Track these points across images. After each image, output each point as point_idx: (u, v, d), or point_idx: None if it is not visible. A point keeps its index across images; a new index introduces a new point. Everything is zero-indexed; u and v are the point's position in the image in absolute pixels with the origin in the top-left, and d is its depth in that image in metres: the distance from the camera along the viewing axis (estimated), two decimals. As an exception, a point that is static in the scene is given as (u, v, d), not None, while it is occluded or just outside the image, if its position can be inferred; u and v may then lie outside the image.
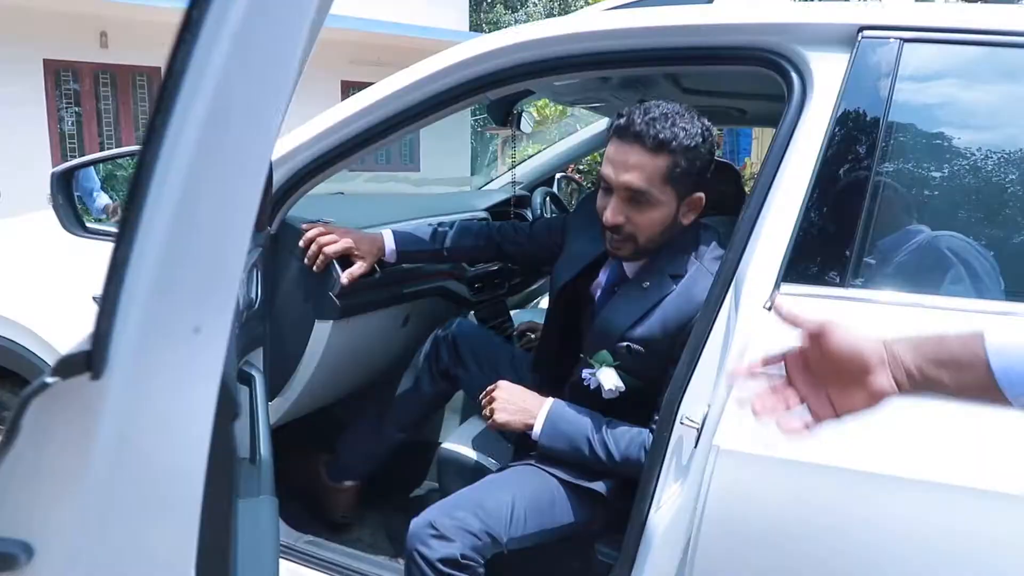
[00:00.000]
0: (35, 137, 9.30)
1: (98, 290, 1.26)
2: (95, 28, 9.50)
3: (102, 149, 9.90)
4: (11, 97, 8.96)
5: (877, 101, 1.11)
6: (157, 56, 9.96)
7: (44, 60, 9.30)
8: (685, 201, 1.32)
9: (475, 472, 1.54)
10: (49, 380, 0.38)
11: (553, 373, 1.54)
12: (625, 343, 1.33)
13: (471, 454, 1.58)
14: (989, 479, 0.92)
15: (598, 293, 1.47)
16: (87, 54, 9.54)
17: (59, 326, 1.53)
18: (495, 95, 1.38)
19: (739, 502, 1.03)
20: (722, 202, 2.19)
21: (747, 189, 5.00)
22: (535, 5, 24.89)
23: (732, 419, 1.02)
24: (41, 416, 0.38)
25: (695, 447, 1.09)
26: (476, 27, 20.66)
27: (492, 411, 1.36)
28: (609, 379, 1.33)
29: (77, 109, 9.67)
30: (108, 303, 0.38)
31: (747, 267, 1.11)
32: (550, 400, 1.37)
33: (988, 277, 1.06)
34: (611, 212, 1.30)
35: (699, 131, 1.28)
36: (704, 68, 1.39)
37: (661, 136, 1.24)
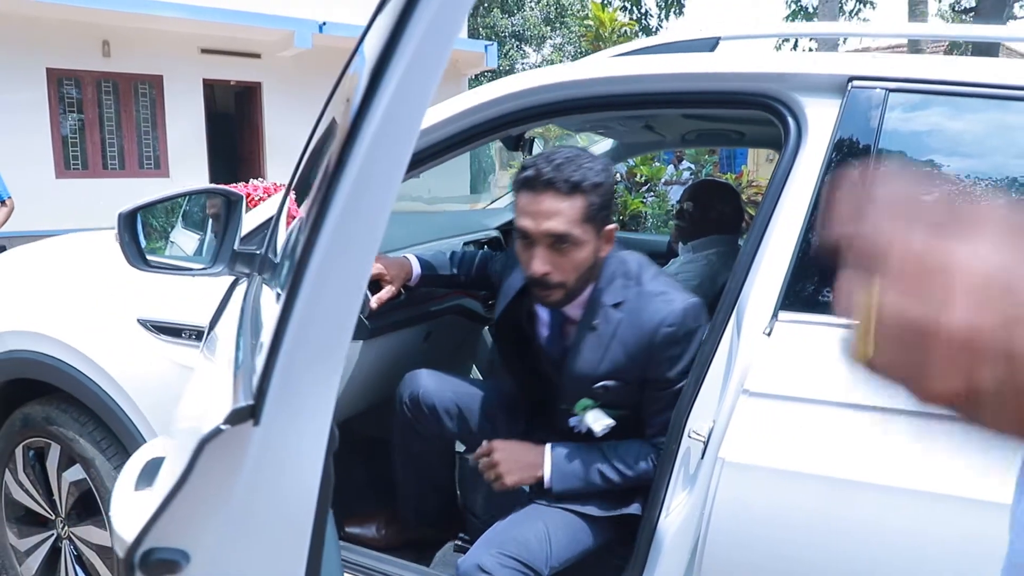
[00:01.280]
0: (38, 144, 9.38)
1: (143, 313, 1.37)
2: (98, 37, 9.59)
3: (104, 157, 9.98)
4: (14, 105, 9.05)
5: (865, 143, 1.22)
6: (158, 65, 10.05)
7: (47, 69, 9.38)
8: (601, 235, 1.36)
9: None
10: (223, 427, 0.49)
11: (531, 409, 1.58)
12: (599, 384, 1.38)
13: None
14: (994, 492, 0.96)
15: (545, 333, 1.50)
16: (90, 63, 9.63)
17: (105, 346, 1.63)
18: (518, 130, 1.49)
19: (743, 510, 1.13)
20: (723, 221, 2.32)
21: (745, 195, 5.11)
22: (531, 9, 25.01)
23: (736, 433, 1.13)
24: (211, 455, 0.49)
25: (701, 459, 1.19)
26: (473, 31, 20.75)
27: (497, 475, 1.37)
28: (597, 421, 1.39)
29: (79, 116, 9.75)
30: (268, 369, 0.49)
31: (748, 295, 1.22)
32: (547, 446, 1.40)
33: None
34: (537, 263, 1.31)
35: (602, 167, 1.33)
36: (708, 111, 1.49)
37: (573, 179, 1.28)
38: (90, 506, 1.75)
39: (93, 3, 8.83)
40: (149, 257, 1.22)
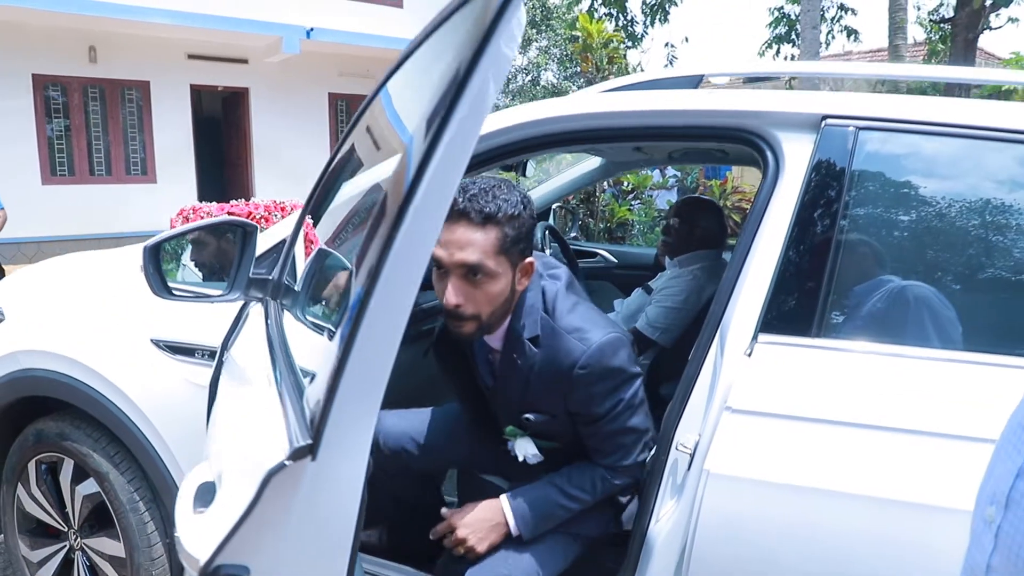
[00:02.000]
0: (24, 151, 9.34)
1: (157, 334, 1.47)
2: (84, 43, 9.57)
3: (90, 163, 9.95)
4: (0, 111, 9.02)
5: (838, 177, 1.32)
6: (145, 70, 10.05)
7: (33, 75, 9.34)
8: (518, 268, 1.32)
9: (486, 485, 1.72)
10: (287, 463, 0.57)
11: (481, 419, 1.56)
12: (525, 414, 1.39)
13: (489, 477, 1.78)
14: (962, 500, 1.01)
15: (478, 356, 1.49)
16: (76, 69, 9.60)
17: (121, 366, 1.70)
18: (514, 160, 1.58)
19: (727, 517, 1.23)
20: (707, 236, 2.43)
21: (729, 202, 5.17)
22: (517, 13, 25.05)
23: (720, 447, 1.23)
24: (275, 486, 0.58)
25: (688, 469, 1.29)
26: (459, 35, 20.73)
27: (468, 548, 1.34)
28: (524, 449, 1.40)
29: (66, 123, 9.72)
30: (325, 411, 0.58)
31: (731, 318, 1.32)
32: (502, 498, 1.38)
33: (949, 324, 1.27)
34: (451, 294, 1.26)
35: (519, 199, 1.29)
36: (693, 144, 1.59)
37: (486, 210, 1.25)
38: (103, 518, 1.82)
39: (79, 9, 8.82)
40: (171, 285, 1.30)
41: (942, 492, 1.11)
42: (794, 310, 1.28)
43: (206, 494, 0.82)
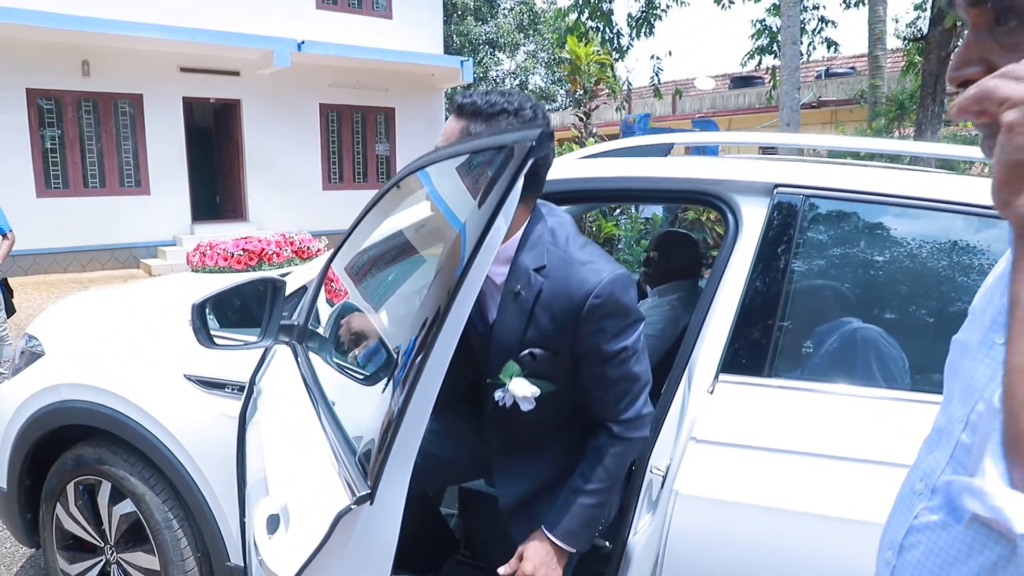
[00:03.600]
0: (19, 164, 9.45)
1: (189, 370, 1.70)
2: (78, 57, 9.70)
3: (84, 175, 10.05)
4: (-5, 126, 9.14)
5: (788, 238, 1.54)
6: (138, 83, 10.18)
7: (27, 89, 9.46)
8: None
9: (488, 498, 1.92)
10: (353, 507, 0.78)
11: (455, 394, 1.54)
12: (526, 350, 1.34)
13: (485, 488, 1.98)
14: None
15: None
16: (70, 82, 9.72)
17: (157, 399, 1.90)
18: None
19: (693, 531, 1.44)
20: (684, 268, 2.65)
21: (712, 215, 5.23)
22: (504, 16, 25.35)
23: (687, 471, 1.44)
24: (343, 526, 0.78)
25: (661, 488, 1.50)
26: (448, 38, 20.98)
27: None
28: (522, 388, 1.33)
29: (60, 136, 9.83)
30: (382, 465, 0.79)
31: (697, 358, 1.54)
32: (541, 531, 1.40)
33: (893, 362, 1.48)
34: None
35: (508, 105, 1.29)
36: (663, 203, 1.80)
37: (461, 101, 1.31)
38: (138, 535, 2.01)
39: (72, 24, 8.96)
40: (213, 334, 1.50)
41: (872, 510, 1.32)
42: (749, 353, 1.50)
43: (273, 524, 1.02)
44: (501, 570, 1.36)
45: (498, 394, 1.36)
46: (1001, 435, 0.53)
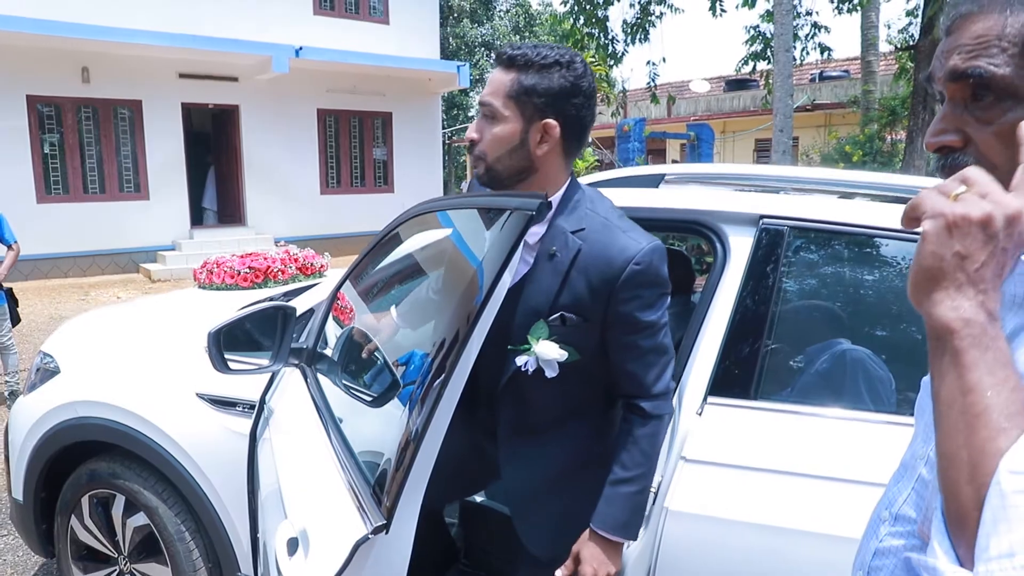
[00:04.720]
0: (19, 170, 9.50)
1: (201, 388, 1.79)
2: (77, 64, 9.75)
3: (84, 181, 10.11)
4: (-5, 133, 9.18)
5: (772, 267, 1.63)
6: (137, 89, 10.24)
7: (27, 96, 9.51)
8: (534, 125, 1.30)
9: (487, 512, 2.00)
10: (370, 536, 0.86)
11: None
12: (557, 314, 1.31)
13: (487, 501, 2.07)
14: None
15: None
16: (70, 89, 9.78)
17: (170, 416, 1.98)
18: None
19: (683, 546, 1.52)
20: (676, 283, 2.74)
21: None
22: (500, 19, 25.46)
23: (677, 489, 1.52)
24: (360, 552, 0.86)
25: (653, 504, 1.59)
26: (444, 40, 21.07)
27: None
28: (549, 350, 1.29)
29: (60, 142, 9.89)
30: (397, 498, 0.87)
31: (687, 381, 1.62)
32: (585, 534, 1.37)
33: (881, 383, 1.56)
34: (472, 128, 1.35)
35: (559, 58, 1.28)
36: (654, 232, 1.89)
37: (509, 54, 1.30)
38: (151, 546, 2.09)
39: (72, 32, 9.01)
40: (227, 357, 1.58)
41: (853, 527, 1.41)
42: (736, 377, 1.59)
43: (292, 547, 1.10)
44: (558, 572, 1.33)
45: (520, 359, 1.32)
46: (942, 513, 0.57)
